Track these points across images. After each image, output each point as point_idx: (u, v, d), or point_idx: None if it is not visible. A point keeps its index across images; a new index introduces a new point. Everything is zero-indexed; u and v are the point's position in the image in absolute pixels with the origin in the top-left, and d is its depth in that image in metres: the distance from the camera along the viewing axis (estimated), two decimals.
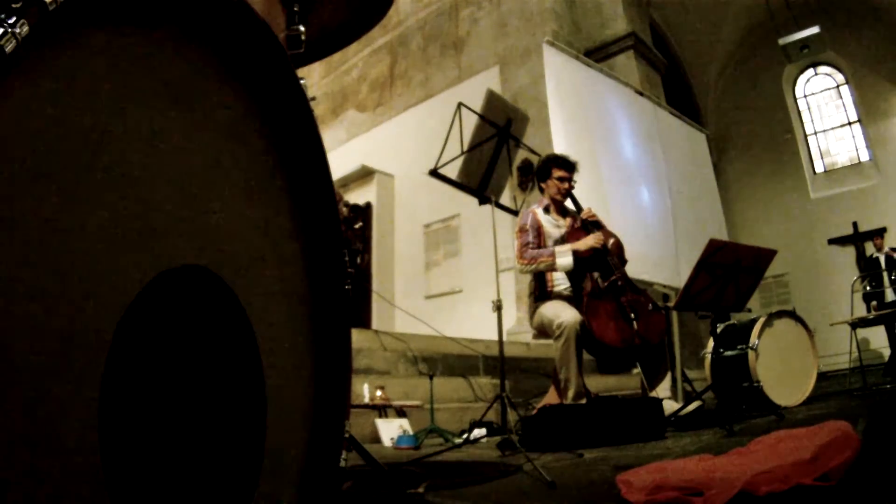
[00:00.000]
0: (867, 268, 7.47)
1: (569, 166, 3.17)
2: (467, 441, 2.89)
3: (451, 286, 7.54)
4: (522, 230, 3.11)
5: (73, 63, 0.57)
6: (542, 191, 3.28)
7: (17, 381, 0.49)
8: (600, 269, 3.00)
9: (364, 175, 8.53)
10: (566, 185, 3.16)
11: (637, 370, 3.21)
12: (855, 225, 9.91)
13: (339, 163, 8.15)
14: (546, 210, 3.20)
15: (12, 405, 0.48)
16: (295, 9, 1.21)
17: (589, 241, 2.97)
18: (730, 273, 2.81)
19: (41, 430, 0.51)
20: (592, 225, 3.07)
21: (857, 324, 4.98)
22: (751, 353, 3.22)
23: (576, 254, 2.95)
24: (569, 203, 3.23)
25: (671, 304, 3.88)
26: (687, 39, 10.96)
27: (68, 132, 0.56)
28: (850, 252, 9.92)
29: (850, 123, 11.00)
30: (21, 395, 0.49)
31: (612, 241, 3.12)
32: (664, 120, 5.59)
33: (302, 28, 1.21)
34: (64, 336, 0.54)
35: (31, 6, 0.50)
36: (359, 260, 7.91)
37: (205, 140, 0.76)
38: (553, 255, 2.98)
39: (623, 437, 2.48)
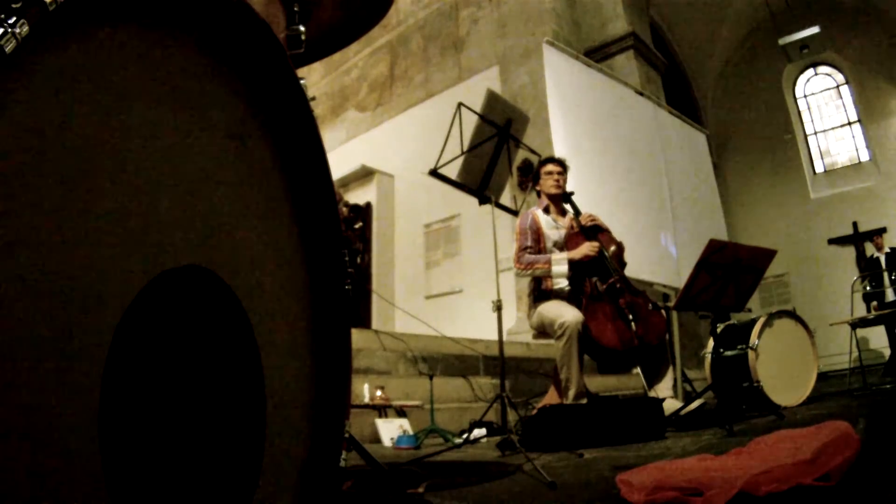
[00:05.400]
0: (867, 268, 7.47)
1: (555, 161, 3.26)
2: (467, 441, 2.89)
3: (451, 286, 7.54)
4: (521, 233, 3.13)
5: (73, 63, 0.57)
6: (539, 195, 3.32)
7: (18, 381, 0.49)
8: (598, 272, 3.01)
9: (364, 175, 8.53)
10: (555, 178, 3.21)
11: (637, 370, 3.22)
12: (855, 225, 9.91)
13: (339, 163, 8.14)
14: (546, 210, 3.22)
15: (12, 405, 0.48)
16: (295, 9, 1.21)
17: (583, 250, 2.99)
18: (730, 273, 2.81)
19: (41, 430, 0.51)
20: (591, 230, 3.09)
21: (857, 324, 4.98)
22: (751, 353, 3.22)
23: (571, 262, 2.97)
24: (568, 208, 3.25)
25: (671, 304, 3.88)
26: (687, 39, 10.97)
27: (68, 132, 0.56)
28: (850, 252, 9.92)
29: (850, 123, 11.00)
30: (21, 396, 0.49)
31: (611, 246, 3.12)
32: (664, 120, 5.59)
33: (302, 28, 1.21)
34: (64, 336, 0.54)
35: (31, 6, 0.50)
36: (359, 260, 7.92)
37: (205, 140, 0.76)
38: (549, 262, 3.00)
39: (623, 437, 2.48)
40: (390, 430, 3.21)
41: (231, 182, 0.80)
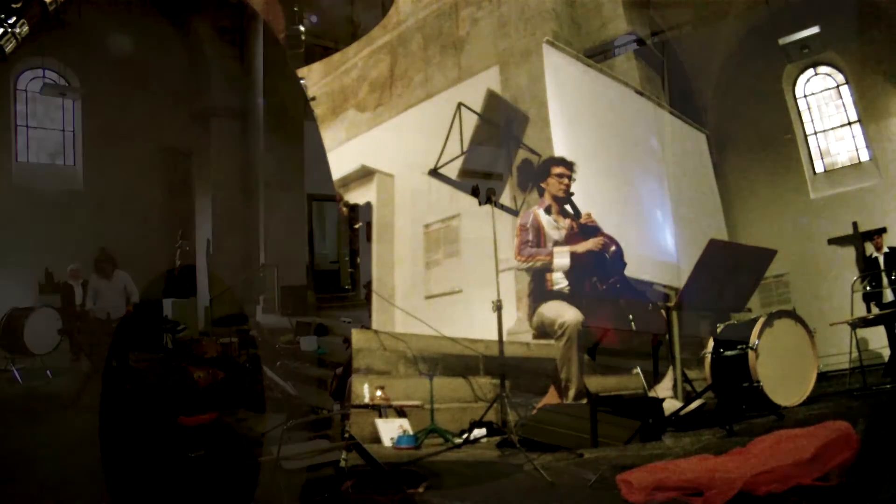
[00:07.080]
0: (866, 268, 7.45)
1: (566, 163, 3.25)
2: (467, 441, 2.89)
3: (451, 286, 7.52)
4: (523, 228, 3.15)
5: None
6: (541, 192, 3.32)
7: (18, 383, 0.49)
8: (599, 272, 3.01)
9: (364, 175, 8.51)
10: (566, 182, 3.21)
11: (637, 370, 3.22)
12: (855, 225, 9.89)
13: (339, 163, 8.11)
14: (547, 210, 3.22)
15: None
16: (295, 9, 1.21)
17: (588, 245, 3.00)
18: (730, 273, 2.81)
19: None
20: (591, 230, 3.09)
21: (857, 324, 4.97)
22: (751, 353, 3.22)
23: (573, 255, 2.97)
24: (568, 208, 3.25)
25: (671, 304, 3.88)
26: (687, 40, 10.95)
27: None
28: (850, 252, 9.90)
29: (850, 123, 10.97)
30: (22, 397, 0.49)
31: (611, 246, 3.13)
32: (664, 120, 5.59)
33: (302, 28, 1.21)
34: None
35: (32, 6, 0.50)
36: (358, 260, 7.90)
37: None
38: (551, 254, 3.01)
39: (623, 437, 2.48)
40: (390, 430, 3.21)
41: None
